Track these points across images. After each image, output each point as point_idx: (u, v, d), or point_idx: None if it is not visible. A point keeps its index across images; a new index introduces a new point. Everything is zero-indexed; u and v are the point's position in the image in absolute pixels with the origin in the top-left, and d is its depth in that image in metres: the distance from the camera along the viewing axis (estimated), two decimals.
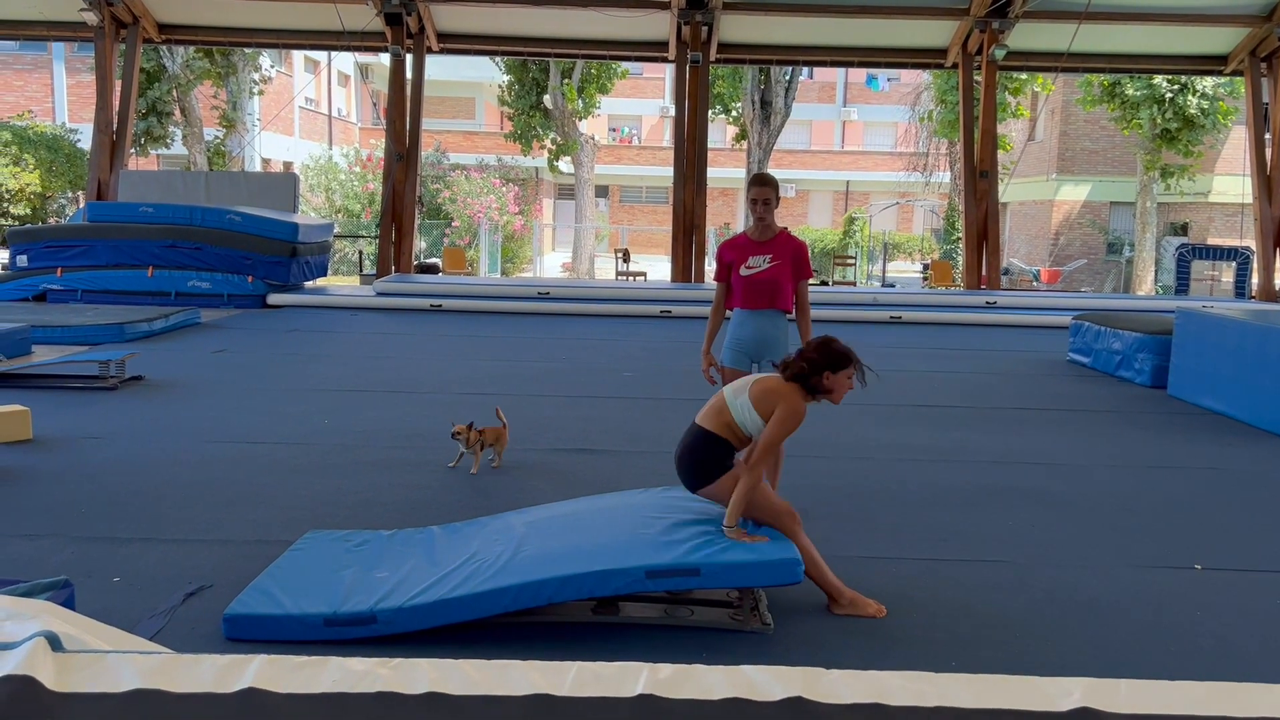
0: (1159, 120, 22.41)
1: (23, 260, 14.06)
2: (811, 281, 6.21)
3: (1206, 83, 22.02)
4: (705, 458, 3.82)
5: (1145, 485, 5.76)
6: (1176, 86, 22.07)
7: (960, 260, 20.69)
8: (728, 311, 4.99)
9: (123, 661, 2.41)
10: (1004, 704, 2.36)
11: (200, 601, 3.75)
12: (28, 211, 21.23)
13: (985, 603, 3.92)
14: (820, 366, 3.76)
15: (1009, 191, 25.02)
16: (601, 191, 39.17)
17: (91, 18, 16.19)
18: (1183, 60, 18.13)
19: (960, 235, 22.46)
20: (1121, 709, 2.35)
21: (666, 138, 42.66)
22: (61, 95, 27.95)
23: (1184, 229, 27.40)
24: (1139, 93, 22.31)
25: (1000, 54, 16.59)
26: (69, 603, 2.99)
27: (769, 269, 4.75)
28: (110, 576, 3.93)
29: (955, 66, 17.72)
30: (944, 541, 4.65)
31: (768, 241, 4.81)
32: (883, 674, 2.43)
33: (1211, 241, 25.43)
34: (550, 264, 32.35)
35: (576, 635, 3.54)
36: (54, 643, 2.44)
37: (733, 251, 4.88)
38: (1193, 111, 22.09)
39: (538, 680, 2.41)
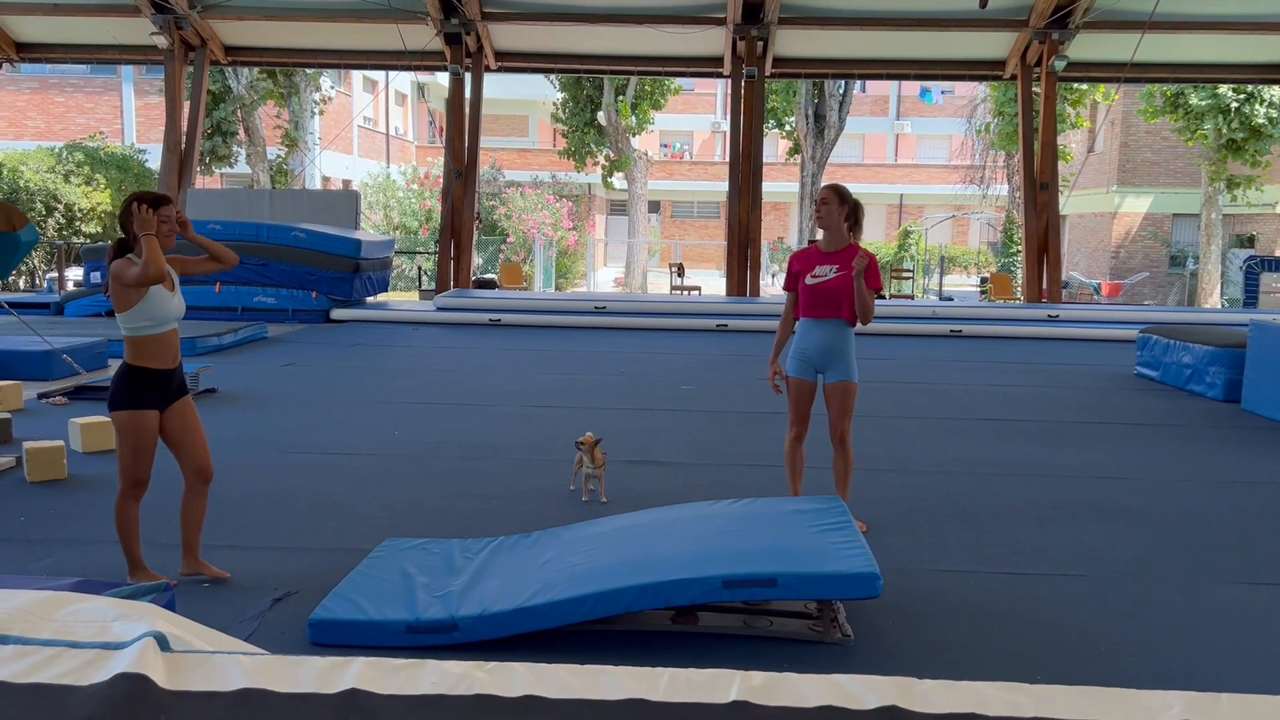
0: (1224, 130, 21.95)
1: (96, 277, 14.49)
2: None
3: (1274, 92, 21.53)
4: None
5: (1223, 501, 5.64)
6: (1243, 96, 21.61)
7: (1020, 273, 20.42)
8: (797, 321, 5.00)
9: (229, 661, 2.48)
10: (1102, 716, 2.33)
11: (285, 607, 3.84)
12: (99, 230, 21.84)
13: (1067, 617, 3.86)
14: (125, 218, 3.91)
15: (1069, 204, 24.66)
16: (653, 207, 39.32)
17: (162, 41, 16.68)
18: (1249, 69, 17.77)
19: (1019, 248, 22.17)
20: None
21: (718, 153, 42.70)
22: (130, 116, 28.75)
23: (1250, 241, 26.78)
24: (1203, 103, 21.88)
25: (1060, 65, 16.40)
26: (170, 605, 3.08)
27: (835, 279, 4.75)
28: (199, 581, 4.03)
29: (1014, 78, 17.55)
30: (1020, 555, 4.60)
31: (836, 253, 4.82)
32: (978, 684, 2.42)
33: None
34: (602, 279, 32.52)
35: (656, 644, 3.55)
36: (162, 643, 2.52)
37: (801, 262, 4.91)
38: (1260, 121, 21.59)
39: (631, 685, 2.43)
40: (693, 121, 43.67)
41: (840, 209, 4.78)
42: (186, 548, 4.13)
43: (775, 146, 36.33)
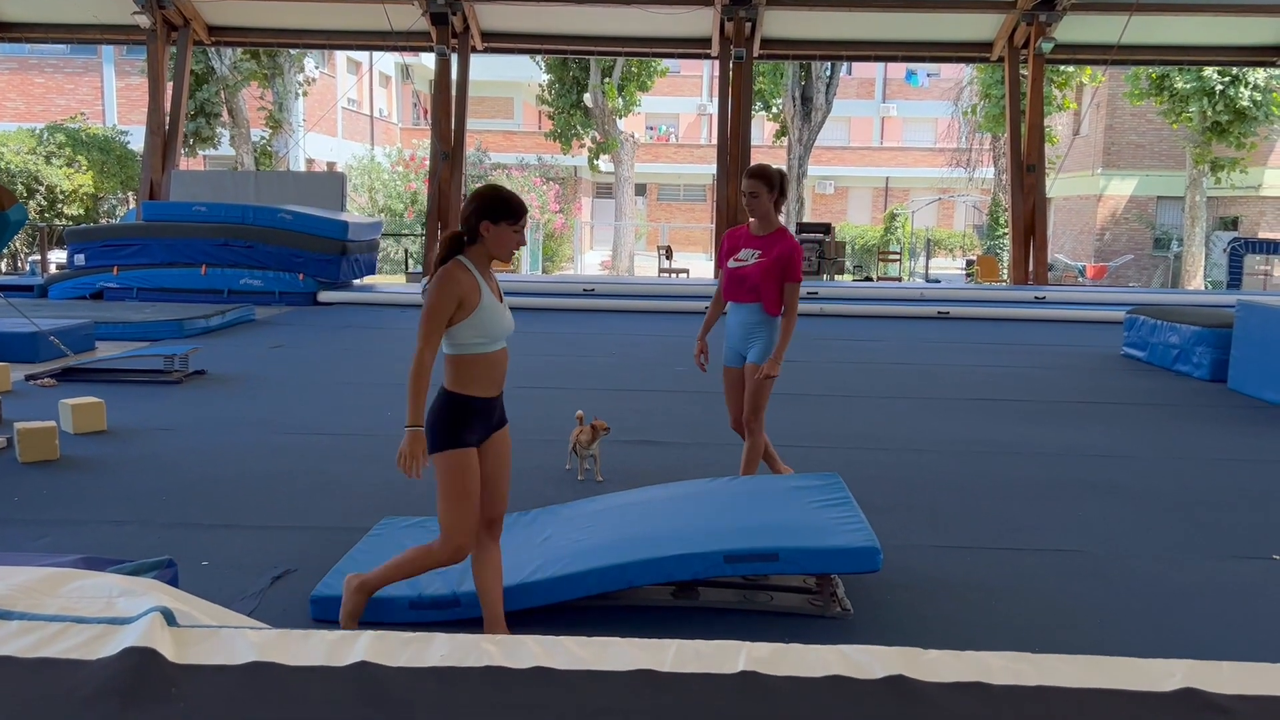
0: (1209, 113, 22.05)
1: (80, 259, 14.35)
2: (855, 278, 6.16)
3: (1259, 74, 21.64)
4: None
5: (1213, 478, 5.70)
6: (1227, 78, 21.70)
7: (1006, 255, 20.49)
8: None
9: (237, 636, 2.48)
10: (1106, 684, 2.36)
11: (285, 584, 3.84)
12: (81, 212, 21.63)
13: (1063, 592, 3.90)
14: (477, 215, 3.14)
15: (1054, 186, 24.75)
16: (639, 190, 39.21)
17: (144, 21, 16.50)
18: (1234, 51, 17.84)
19: (1005, 230, 22.26)
20: (1225, 689, 2.35)
21: (704, 135, 42.60)
22: (111, 98, 28.44)
23: (1234, 223, 26.96)
24: (1188, 85, 21.97)
25: (1047, 47, 16.43)
26: (174, 581, 3.07)
27: (753, 265, 4.60)
28: (198, 560, 4.02)
29: (1001, 60, 17.56)
30: (1016, 532, 4.64)
31: (763, 237, 4.64)
32: (983, 654, 2.44)
33: (1263, 235, 24.98)
34: (589, 262, 32.45)
35: (658, 619, 3.57)
36: (169, 617, 2.52)
37: (731, 240, 4.78)
38: (1245, 104, 21.71)
39: (640, 656, 2.44)
40: (679, 104, 43.52)
41: (770, 196, 4.59)
42: (491, 619, 3.29)
43: (762, 129, 36.26)
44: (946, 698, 2.32)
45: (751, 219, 4.71)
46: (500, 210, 3.12)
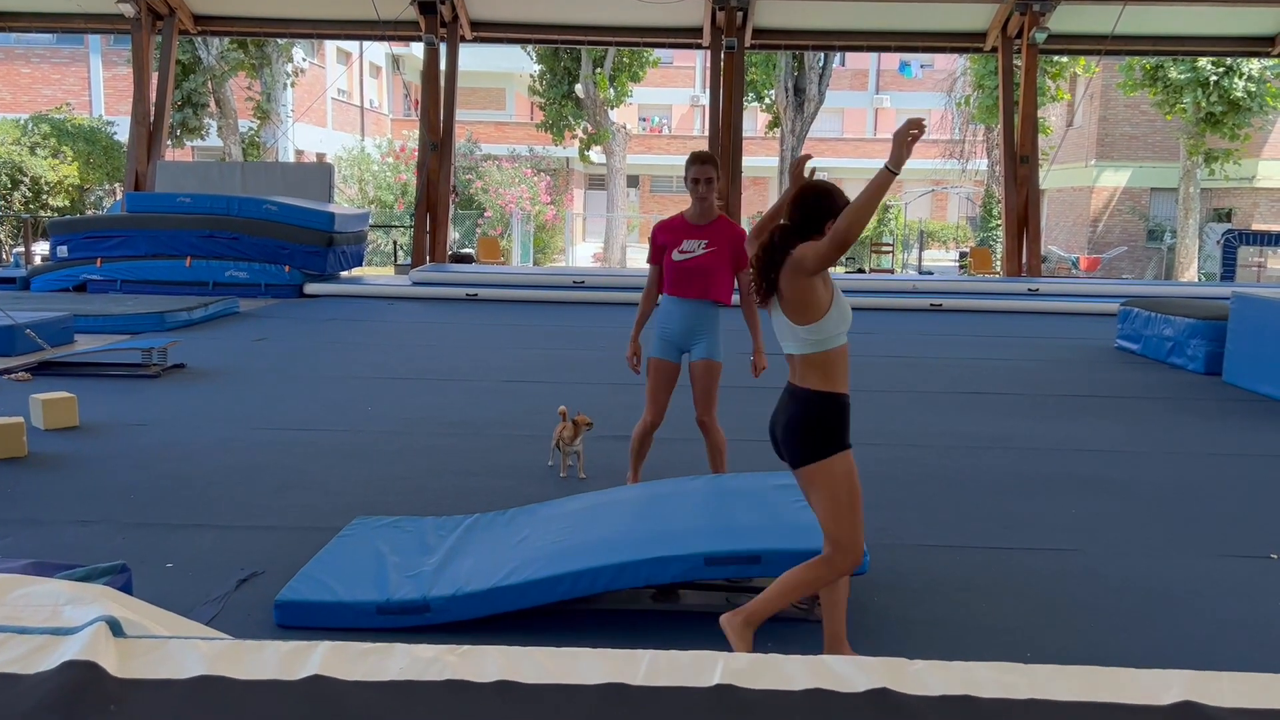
0: (1203, 104, 21.94)
1: (63, 251, 14.16)
2: (848, 270, 6.00)
3: (1253, 65, 21.53)
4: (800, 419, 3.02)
5: (1208, 473, 5.59)
6: (1221, 69, 21.59)
7: (999, 247, 20.39)
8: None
9: (185, 647, 2.35)
10: (1100, 697, 2.24)
11: (252, 587, 3.70)
12: (66, 203, 21.40)
13: (1056, 592, 3.79)
14: (832, 213, 3.10)
15: (1047, 178, 24.64)
16: (632, 181, 39.02)
17: (128, 10, 16.27)
18: (1229, 42, 17.72)
19: (998, 222, 22.16)
20: (1225, 703, 2.23)
21: (697, 127, 42.42)
22: (98, 88, 28.15)
23: (1228, 215, 26.88)
24: (1182, 76, 21.85)
25: (1041, 37, 16.28)
26: (127, 588, 2.94)
27: (703, 255, 4.40)
28: (163, 562, 3.89)
29: (995, 50, 17.42)
30: (1008, 529, 4.52)
31: (706, 226, 4.44)
32: (971, 665, 2.32)
33: (1257, 227, 24.89)
34: (581, 254, 32.27)
35: (636, 624, 3.45)
36: (115, 628, 2.39)
37: (667, 234, 4.51)
38: (1238, 94, 21.60)
39: (610, 669, 2.32)
40: (671, 95, 43.34)
41: (719, 181, 4.41)
42: (834, 635, 3.12)
43: (754, 120, 36.10)
44: (933, 712, 2.20)
45: (688, 209, 4.50)
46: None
